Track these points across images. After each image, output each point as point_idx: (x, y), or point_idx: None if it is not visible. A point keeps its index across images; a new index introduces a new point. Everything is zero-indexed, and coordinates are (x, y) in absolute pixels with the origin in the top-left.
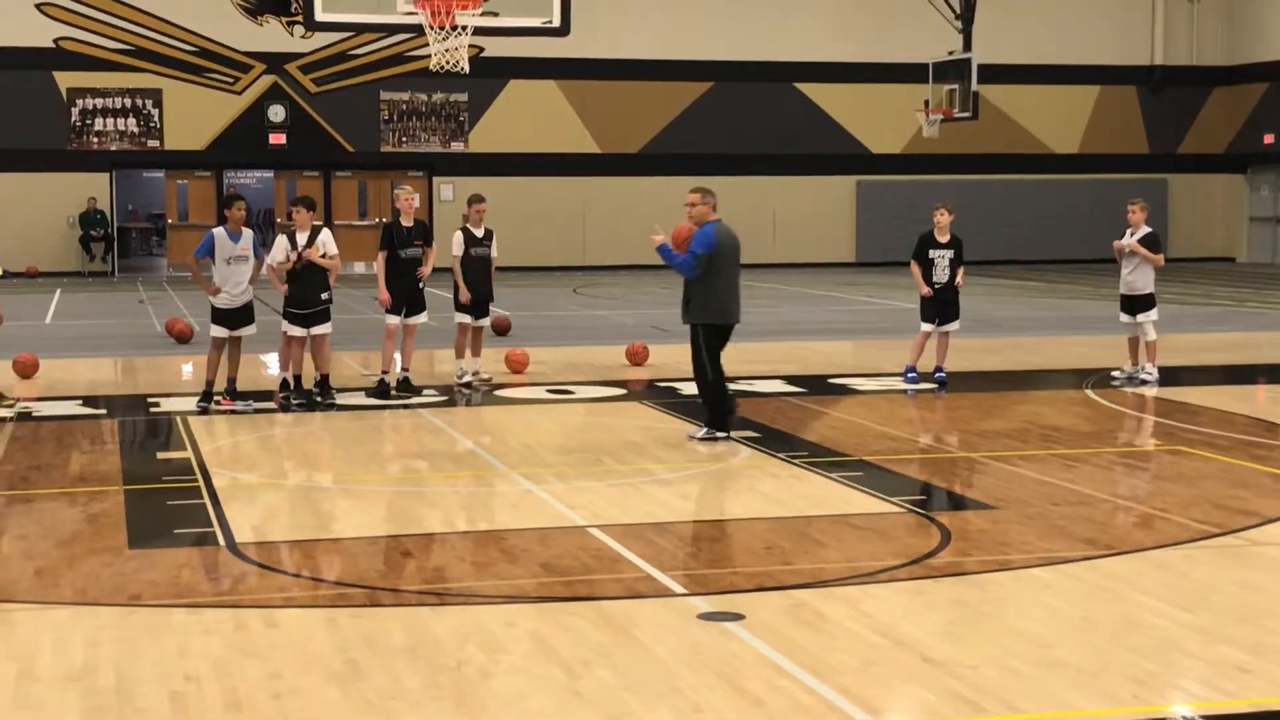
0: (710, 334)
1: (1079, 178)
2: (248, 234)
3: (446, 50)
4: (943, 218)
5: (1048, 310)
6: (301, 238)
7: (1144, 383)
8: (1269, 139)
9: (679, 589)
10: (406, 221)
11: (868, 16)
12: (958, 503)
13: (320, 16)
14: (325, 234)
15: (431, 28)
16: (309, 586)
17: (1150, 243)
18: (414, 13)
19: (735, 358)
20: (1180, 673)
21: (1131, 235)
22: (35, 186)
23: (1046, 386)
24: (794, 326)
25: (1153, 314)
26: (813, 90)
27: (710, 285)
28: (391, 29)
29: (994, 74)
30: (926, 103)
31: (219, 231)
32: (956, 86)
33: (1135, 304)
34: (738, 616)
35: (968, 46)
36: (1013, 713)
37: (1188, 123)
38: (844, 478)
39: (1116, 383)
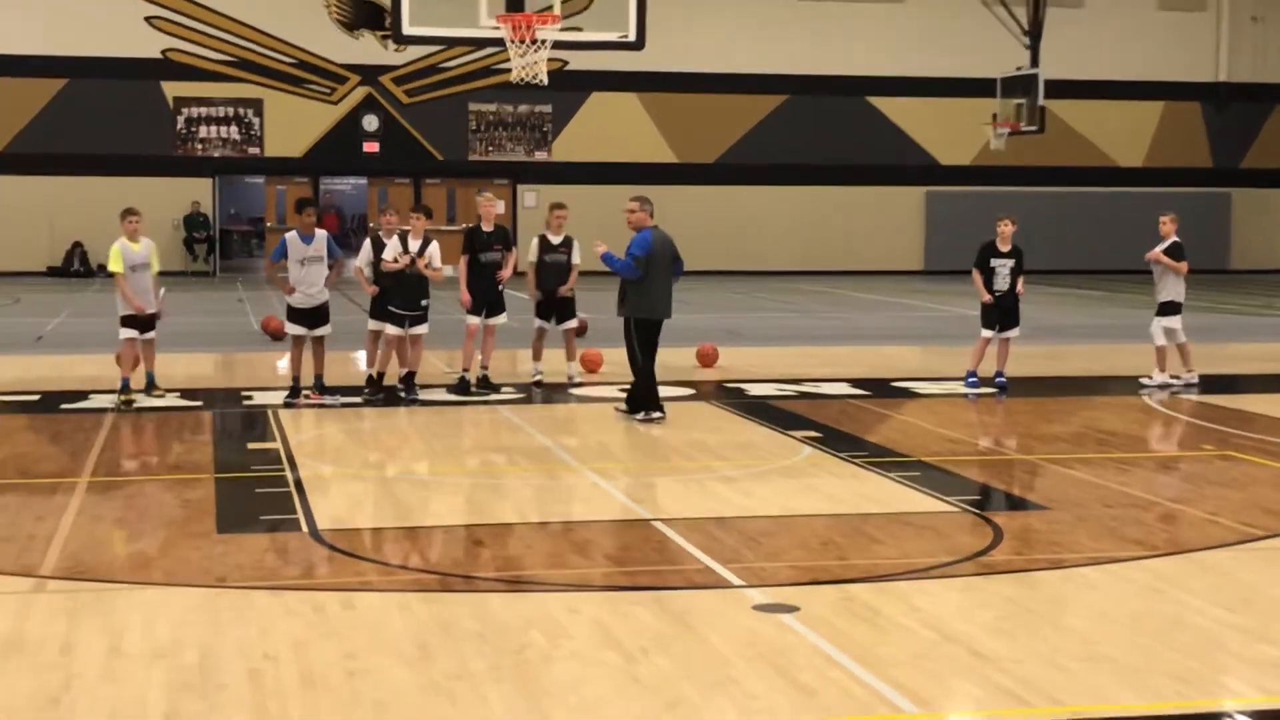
0: (640, 327)
1: (1144, 190)
2: (320, 236)
3: (526, 64)
4: (1006, 228)
5: (1109, 319)
6: (414, 244)
7: (1171, 388)
8: None
9: (737, 581)
10: (487, 227)
11: (938, 33)
12: (1012, 503)
13: (407, 30)
14: (434, 247)
15: (512, 42)
16: (385, 572)
17: (1174, 253)
18: (497, 27)
19: (802, 361)
20: (1222, 670)
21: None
22: (142, 190)
23: (1104, 393)
24: (860, 332)
25: (1174, 320)
26: (883, 104)
27: (644, 285)
28: (475, 43)
29: (1061, 89)
30: (994, 116)
31: (291, 235)
32: (1024, 101)
33: (1159, 309)
34: (793, 609)
35: (1035, 63)
36: (1057, 706)
37: (1251, 138)
38: (902, 477)
39: (1144, 391)
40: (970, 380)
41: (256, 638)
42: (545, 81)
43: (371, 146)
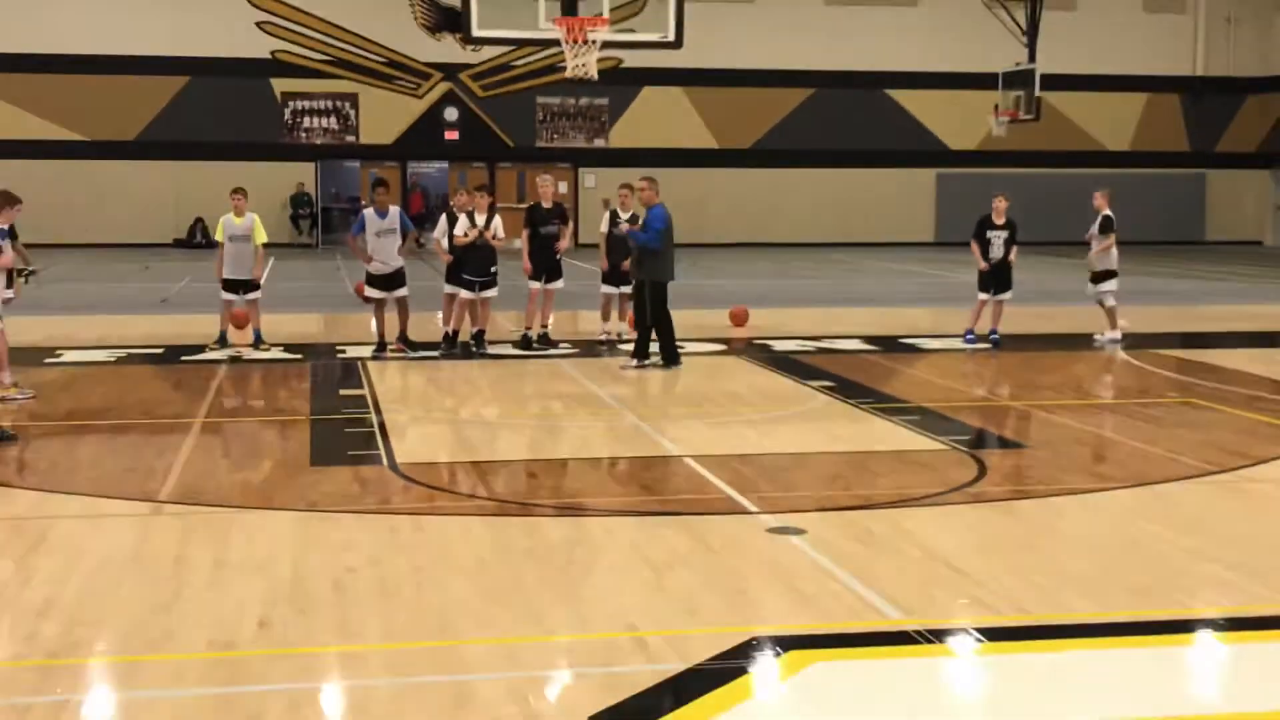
0: (657, 289)
1: (1130, 171)
2: (394, 212)
3: (579, 62)
4: (1000, 204)
5: (1080, 281)
6: (480, 219)
7: (1114, 343)
8: None
9: (753, 508)
10: (546, 204)
11: (946, 32)
12: (997, 443)
13: (476, 33)
14: (498, 220)
15: (567, 42)
16: (453, 500)
17: (1106, 225)
18: (554, 29)
19: (822, 321)
20: (1171, 585)
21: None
22: (254, 174)
23: (1086, 349)
24: (875, 296)
25: (1111, 284)
26: (899, 95)
27: (659, 253)
28: (536, 43)
29: (1056, 82)
30: (996, 106)
31: (368, 211)
32: (1022, 93)
33: (1095, 277)
34: (801, 532)
35: (1032, 59)
36: (1023, 614)
37: (1224, 125)
38: (903, 421)
39: (1097, 345)
40: (968, 337)
41: (340, 553)
42: (595, 77)
43: (452, 135)
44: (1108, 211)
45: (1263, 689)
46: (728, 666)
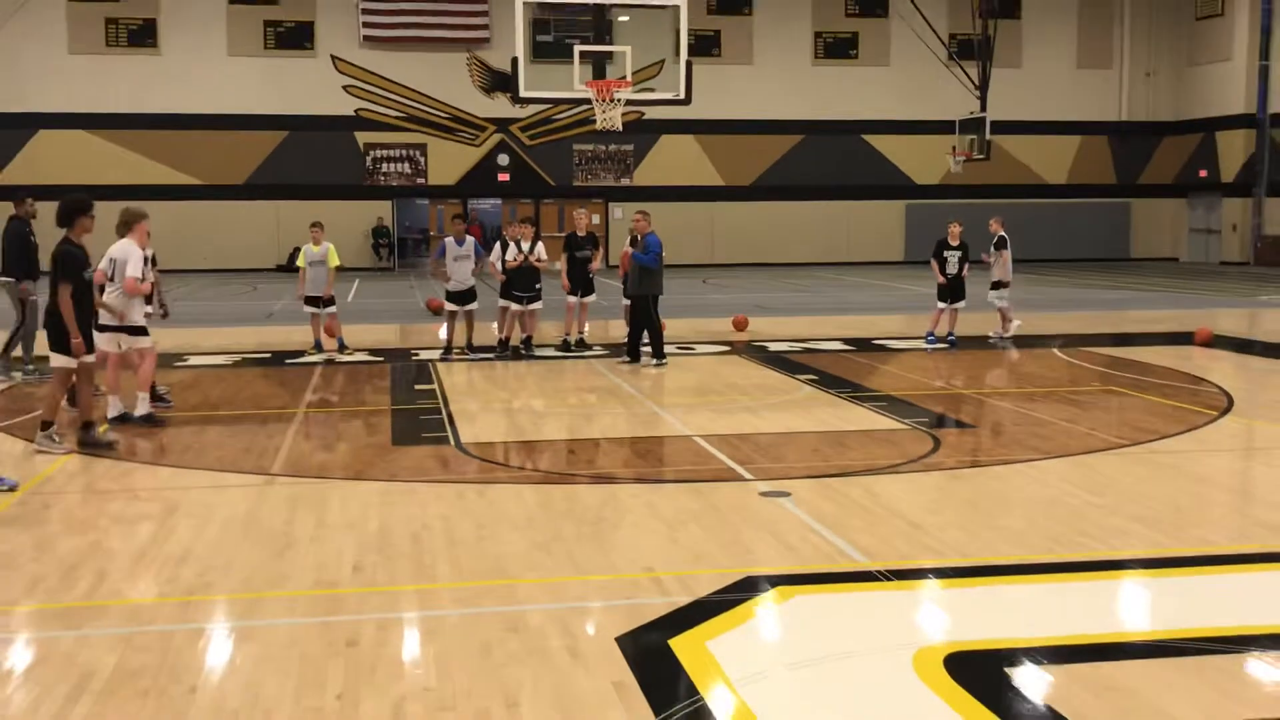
0: (653, 301)
1: (1066, 201)
2: (469, 241)
3: (607, 116)
4: (955, 228)
5: (1036, 294)
6: (525, 245)
7: (1004, 340)
8: (1203, 173)
9: (749, 476)
10: (580, 233)
11: (913, 87)
12: (949, 423)
13: (523, 94)
14: (540, 246)
15: (597, 100)
16: (507, 472)
17: (1001, 245)
18: (586, 90)
19: (809, 326)
20: (1082, 533)
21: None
22: (341, 210)
23: (1028, 347)
24: (853, 305)
25: (1005, 292)
26: (874, 140)
27: (654, 272)
28: (571, 102)
29: (1004, 128)
30: (954, 148)
31: (449, 240)
32: (975, 137)
33: (993, 285)
34: (786, 494)
35: (983, 109)
36: (963, 557)
37: (1145, 162)
38: (874, 406)
39: (992, 342)
40: (929, 339)
41: (417, 514)
42: (620, 128)
43: (504, 176)
44: (1002, 233)
45: (1150, 614)
46: (727, 599)
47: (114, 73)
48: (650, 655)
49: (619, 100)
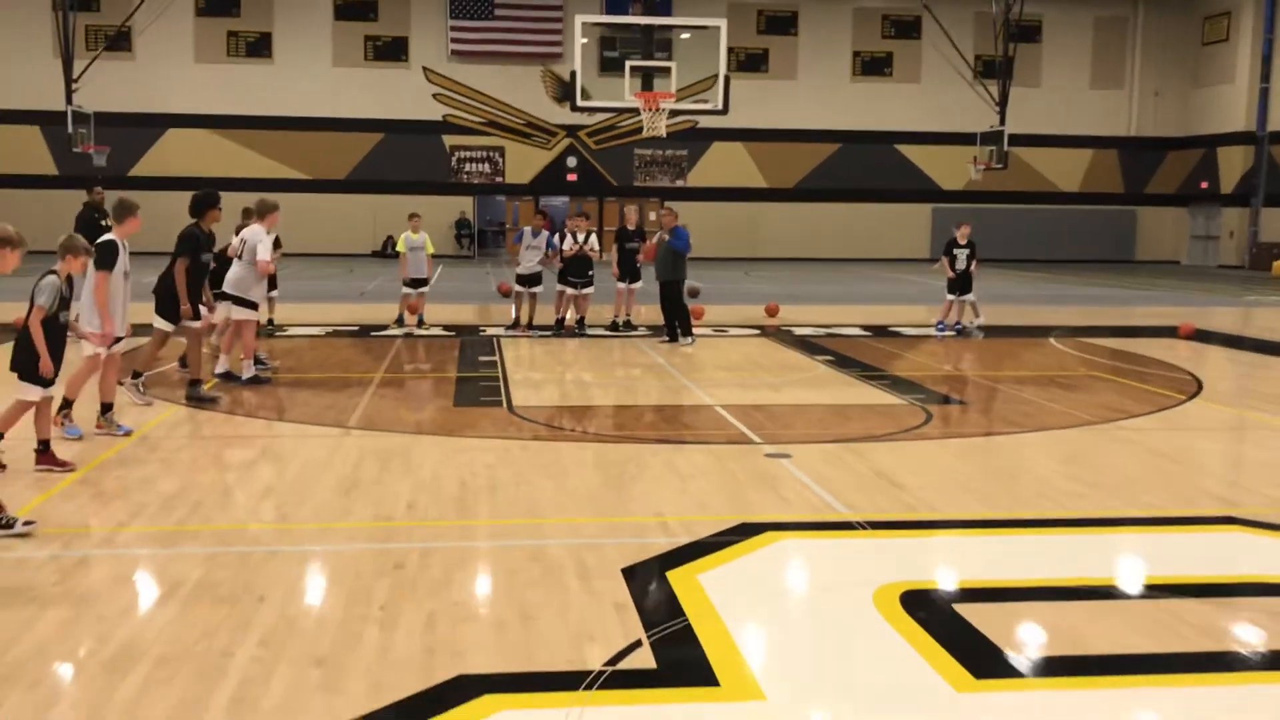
0: (681, 284)
1: (1078, 207)
2: (544, 235)
3: (653, 124)
4: (963, 229)
5: (1047, 290)
6: (581, 236)
7: (980, 329)
8: (1204, 185)
9: (758, 439)
10: (630, 226)
11: (941, 102)
12: (943, 400)
13: (579, 104)
14: (593, 237)
15: (645, 109)
16: (548, 431)
17: (972, 249)
18: (635, 101)
19: (834, 314)
20: (1042, 496)
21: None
22: (429, 204)
23: (1026, 337)
24: (878, 296)
25: (972, 295)
26: (905, 149)
27: (682, 260)
28: (622, 110)
29: (1023, 140)
30: (975, 158)
31: (527, 229)
32: (994, 148)
33: (966, 285)
34: (788, 456)
35: (1002, 123)
36: (934, 512)
37: (1151, 173)
38: (879, 385)
39: (940, 332)
40: (939, 327)
41: (467, 464)
42: (665, 135)
43: (572, 176)
44: (971, 239)
45: (1086, 564)
46: (721, 540)
47: (234, 80)
48: (648, 583)
49: (664, 110)
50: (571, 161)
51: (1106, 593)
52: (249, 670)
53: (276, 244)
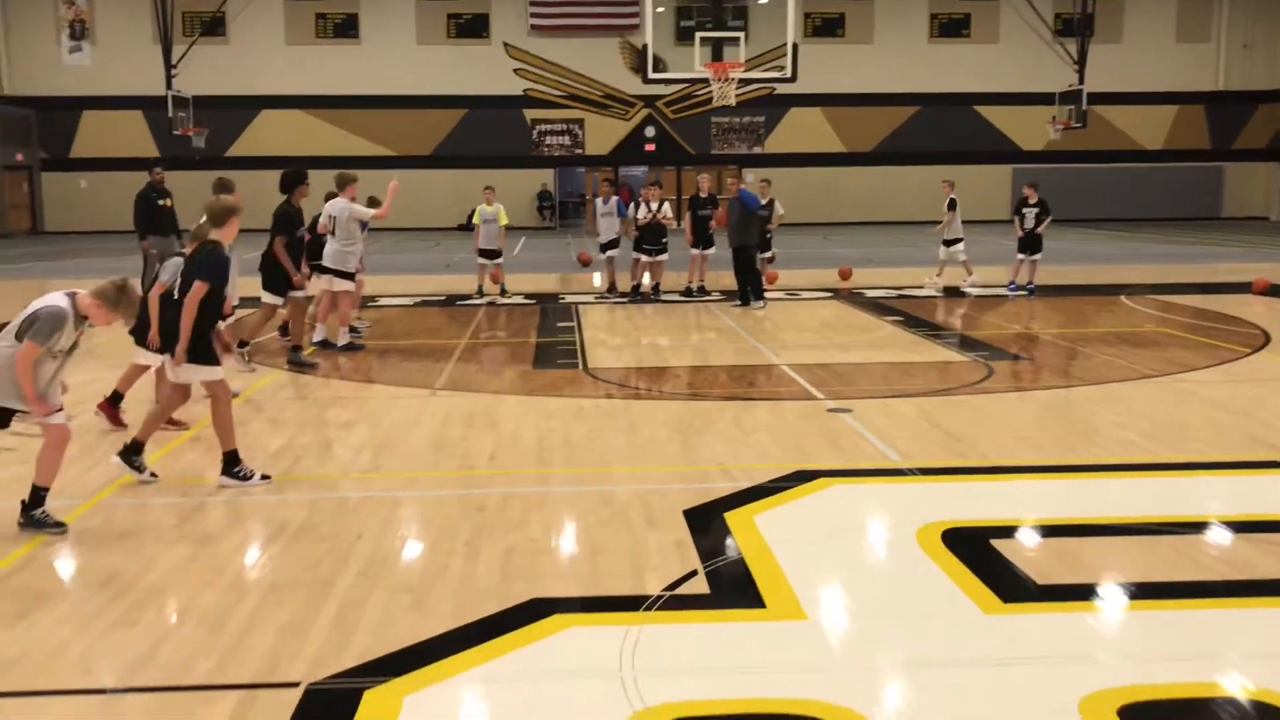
0: (753, 249)
1: (1162, 165)
2: (614, 200)
3: (722, 94)
4: (1030, 190)
5: (1125, 249)
6: (654, 205)
7: (975, 286)
8: None
9: (820, 396)
10: (702, 194)
11: (1018, 63)
12: (1006, 356)
13: (650, 76)
14: (666, 205)
15: (714, 79)
16: (620, 390)
17: (952, 206)
18: (704, 71)
19: (907, 275)
20: (1091, 444)
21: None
22: (511, 177)
23: (1098, 295)
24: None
25: (960, 247)
26: (984, 110)
27: (751, 221)
28: (693, 81)
29: (1105, 98)
30: (1054, 118)
31: (598, 200)
32: (1073, 107)
33: (948, 243)
34: (849, 410)
35: (1081, 82)
36: (984, 459)
37: (1239, 129)
38: (944, 343)
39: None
40: (1010, 287)
41: (543, 420)
42: (734, 104)
43: (650, 147)
44: (953, 195)
45: (1121, 504)
46: (777, 485)
47: (323, 61)
48: (707, 523)
49: (733, 80)
50: (650, 131)
51: (1137, 529)
52: (348, 595)
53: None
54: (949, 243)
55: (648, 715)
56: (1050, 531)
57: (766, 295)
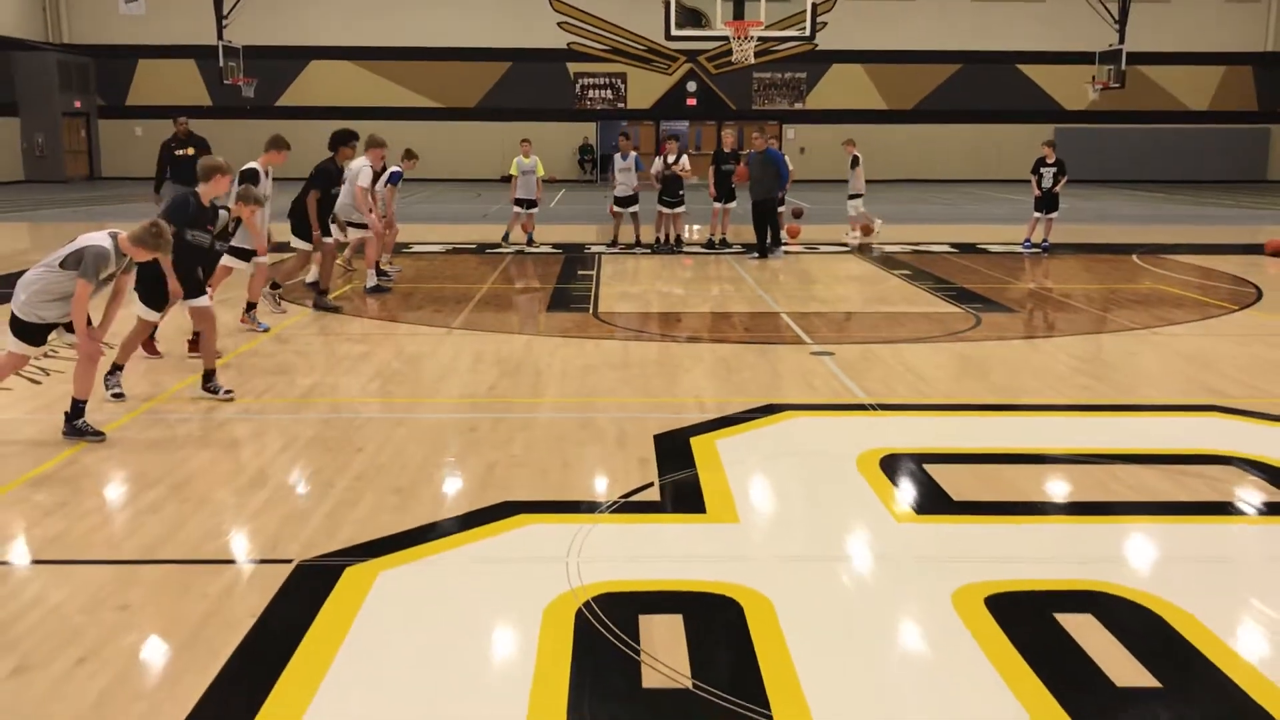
0: (773, 203)
1: (1206, 126)
2: (631, 155)
3: (743, 52)
4: (1048, 149)
5: (1158, 210)
6: (671, 158)
7: (1043, 250)
8: None
9: (808, 339)
10: (726, 149)
11: (1062, 21)
12: (997, 308)
13: (674, 32)
14: (685, 158)
15: (734, 37)
16: (621, 331)
17: (855, 163)
18: (726, 30)
19: (929, 232)
20: (1050, 387)
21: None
22: (553, 131)
23: (1112, 254)
24: (979, 216)
25: (858, 201)
26: (1027, 69)
27: (772, 174)
28: (714, 39)
29: (1150, 58)
30: (1094, 78)
31: (617, 156)
32: (1112, 67)
33: (850, 196)
34: (830, 353)
35: (1121, 41)
36: (943, 398)
37: None
38: (943, 295)
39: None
40: (1026, 244)
41: (545, 356)
42: (753, 61)
43: (692, 101)
44: (856, 153)
45: (1051, 438)
46: (746, 416)
47: (371, 12)
48: (673, 445)
49: (753, 38)
50: (691, 86)
51: (1060, 459)
52: (343, 495)
53: (395, 179)
54: (851, 196)
55: (581, 591)
56: (980, 459)
57: (785, 249)
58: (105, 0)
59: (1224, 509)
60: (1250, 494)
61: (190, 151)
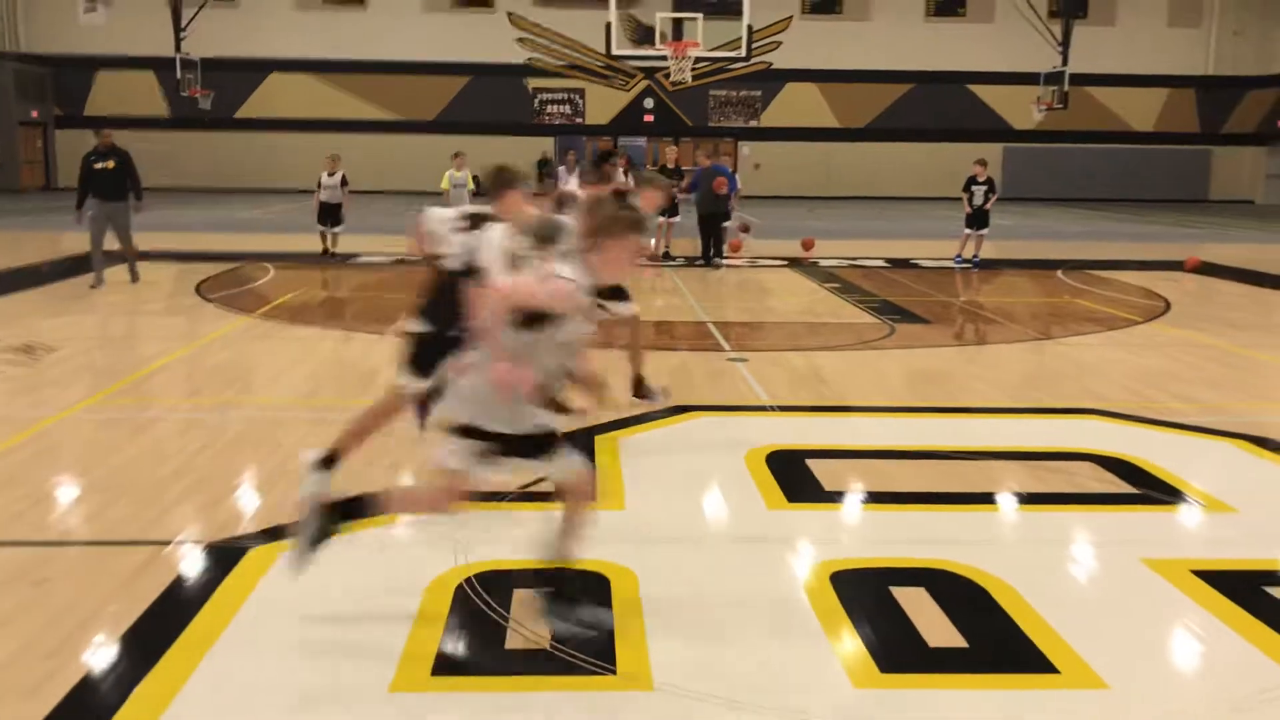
0: (719, 217)
1: (1150, 147)
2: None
3: (680, 72)
4: (980, 167)
5: (1095, 227)
6: (618, 176)
7: (973, 265)
8: None
9: (727, 347)
10: (670, 164)
11: (1012, 43)
12: (914, 319)
13: (615, 51)
14: (631, 176)
15: (673, 57)
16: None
17: (991, 187)
18: (664, 49)
19: (867, 248)
20: (945, 393)
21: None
22: (512, 144)
23: (1039, 269)
24: (925, 232)
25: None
26: (977, 89)
27: (717, 195)
28: (653, 58)
29: (1096, 80)
30: (1038, 98)
31: (561, 169)
32: (1056, 88)
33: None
34: (745, 360)
35: (1065, 63)
36: (839, 401)
37: (1228, 113)
38: (866, 307)
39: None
40: (957, 260)
41: None
42: (690, 82)
43: (649, 117)
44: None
45: (945, 437)
46: (653, 415)
47: (330, 25)
48: (577, 443)
49: (691, 58)
50: (649, 103)
51: (933, 455)
52: (259, 484)
53: (344, 183)
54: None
55: (465, 569)
56: (859, 455)
57: (725, 262)
58: (64, 10)
59: (1072, 500)
60: (1100, 487)
61: (111, 165)
